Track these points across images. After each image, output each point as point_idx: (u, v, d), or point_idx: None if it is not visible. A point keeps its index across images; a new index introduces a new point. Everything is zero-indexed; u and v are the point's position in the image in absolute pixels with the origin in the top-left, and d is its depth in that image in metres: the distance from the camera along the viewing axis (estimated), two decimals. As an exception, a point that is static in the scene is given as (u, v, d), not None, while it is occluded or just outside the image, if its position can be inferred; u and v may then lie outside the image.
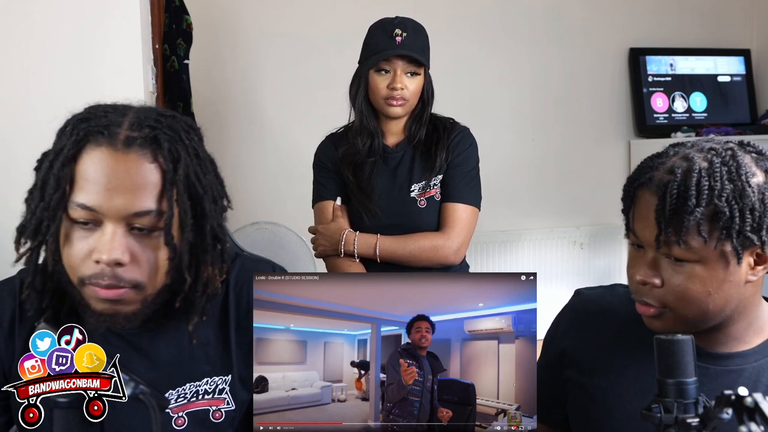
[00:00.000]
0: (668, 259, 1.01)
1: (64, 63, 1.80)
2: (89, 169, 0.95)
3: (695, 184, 0.97)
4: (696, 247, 0.98)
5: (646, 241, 1.02)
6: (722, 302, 1.01)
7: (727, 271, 0.99)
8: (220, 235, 1.05)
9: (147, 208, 0.96)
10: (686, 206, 0.97)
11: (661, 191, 0.99)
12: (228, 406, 1.11)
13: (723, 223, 0.97)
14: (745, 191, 0.97)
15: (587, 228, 3.61)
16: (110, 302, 0.98)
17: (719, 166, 0.98)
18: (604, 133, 3.66)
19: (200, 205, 1.01)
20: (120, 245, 0.95)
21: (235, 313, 1.13)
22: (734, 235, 0.97)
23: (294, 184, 2.48)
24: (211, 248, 1.04)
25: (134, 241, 0.97)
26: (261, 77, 3.24)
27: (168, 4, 2.67)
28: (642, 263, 1.03)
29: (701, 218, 0.97)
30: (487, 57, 3.49)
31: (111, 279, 0.96)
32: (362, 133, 1.94)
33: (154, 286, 1.00)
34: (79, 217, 0.96)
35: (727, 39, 3.78)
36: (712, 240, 0.97)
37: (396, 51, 1.86)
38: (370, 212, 1.92)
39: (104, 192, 0.94)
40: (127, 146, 0.95)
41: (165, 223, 0.97)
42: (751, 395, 0.80)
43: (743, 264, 1.00)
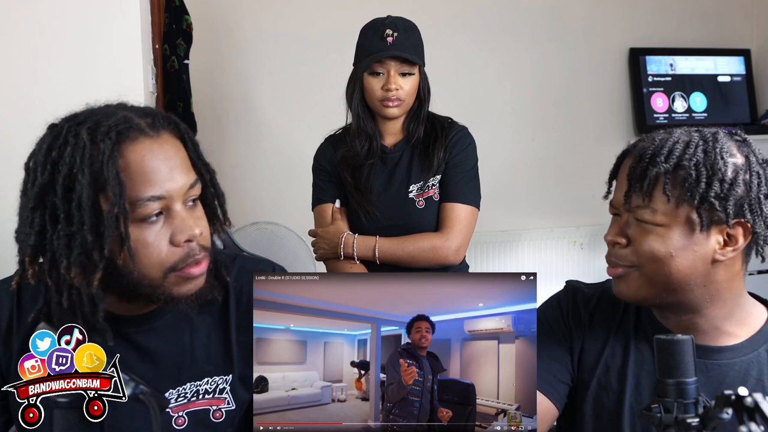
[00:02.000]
0: (636, 221, 1.07)
1: (65, 63, 1.80)
2: (143, 162, 0.96)
3: (669, 146, 1.04)
4: (659, 208, 1.03)
5: (618, 203, 1.09)
6: (684, 269, 1.04)
7: (691, 239, 1.03)
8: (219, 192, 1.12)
9: (193, 179, 1.02)
10: (655, 162, 1.03)
11: (639, 154, 1.06)
12: (228, 406, 1.11)
13: (688, 185, 1.01)
14: (717, 163, 1.02)
15: (587, 228, 3.61)
16: (195, 279, 1.02)
17: (698, 139, 1.05)
18: (604, 133, 3.66)
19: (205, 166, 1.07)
20: (197, 217, 1.02)
21: (236, 313, 1.14)
22: (697, 200, 1.01)
23: (294, 184, 2.48)
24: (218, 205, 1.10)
25: (191, 213, 1.02)
26: (261, 77, 3.24)
27: (168, 4, 2.67)
28: (614, 226, 1.11)
29: (668, 178, 1.02)
30: (487, 57, 3.48)
31: (201, 251, 1.01)
32: (360, 136, 1.93)
33: (211, 252, 1.06)
34: (153, 211, 0.96)
35: (727, 39, 3.78)
36: (674, 200, 1.02)
37: (387, 52, 1.85)
38: (368, 214, 1.92)
39: (167, 176, 0.97)
40: (156, 131, 0.99)
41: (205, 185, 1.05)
42: (751, 395, 0.80)
43: (711, 239, 1.03)
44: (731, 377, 1.07)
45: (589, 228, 3.60)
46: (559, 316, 1.23)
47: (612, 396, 1.14)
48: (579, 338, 1.20)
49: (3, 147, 1.73)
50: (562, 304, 1.25)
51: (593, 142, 3.64)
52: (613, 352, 1.16)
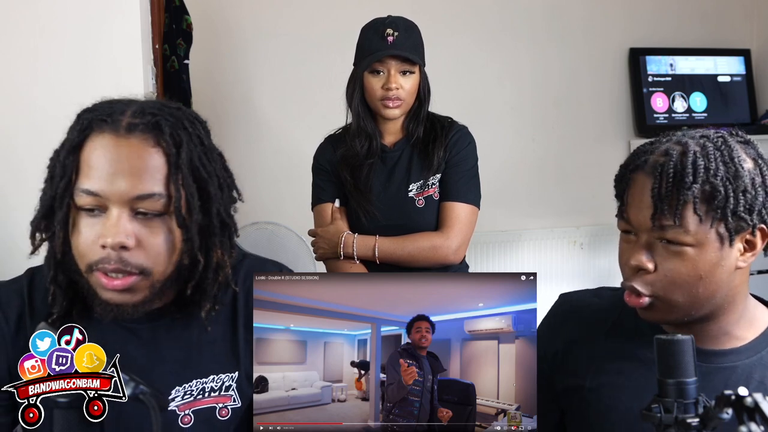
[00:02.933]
0: (661, 242, 1.02)
1: (65, 63, 1.80)
2: (93, 155, 0.98)
3: (691, 163, 1.00)
4: (691, 228, 0.99)
5: (639, 225, 1.03)
6: (713, 287, 1.02)
7: (719, 254, 1.01)
8: (227, 221, 1.07)
9: (150, 192, 0.97)
10: (683, 183, 0.99)
11: (657, 171, 1.01)
12: (234, 404, 1.11)
13: (718, 202, 0.99)
14: (739, 173, 0.99)
15: (587, 228, 3.61)
16: (116, 291, 0.99)
17: (712, 149, 1.01)
18: (604, 133, 3.66)
19: (206, 188, 1.03)
20: (124, 229, 0.97)
21: (244, 311, 1.14)
22: (729, 216, 0.99)
23: (294, 184, 2.48)
24: (219, 232, 1.06)
25: (140, 226, 0.98)
26: (261, 77, 3.23)
27: (168, 4, 2.67)
28: (635, 248, 1.04)
29: (697, 196, 0.99)
30: (487, 57, 3.48)
31: (117, 263, 0.97)
32: (360, 135, 1.93)
33: (162, 273, 1.01)
34: (85, 204, 0.98)
35: (727, 39, 3.77)
36: (707, 220, 0.99)
37: (388, 51, 1.85)
38: (368, 214, 1.92)
39: (108, 177, 0.97)
40: (129, 131, 0.98)
41: (175, 207, 0.99)
42: (751, 395, 0.80)
43: (734, 248, 1.01)
44: (734, 380, 1.06)
45: (589, 228, 3.60)
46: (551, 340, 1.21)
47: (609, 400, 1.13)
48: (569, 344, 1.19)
49: (3, 147, 1.73)
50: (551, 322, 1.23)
51: (593, 142, 3.64)
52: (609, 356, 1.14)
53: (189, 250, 1.02)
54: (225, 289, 1.12)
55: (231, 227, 1.09)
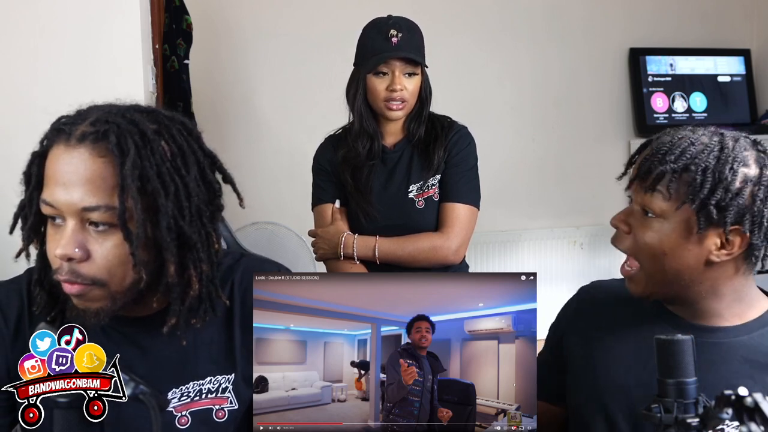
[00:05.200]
0: (639, 211, 1.10)
1: (65, 63, 1.80)
2: (49, 166, 0.98)
3: (684, 146, 1.06)
4: (660, 202, 1.06)
5: (632, 190, 1.12)
6: (677, 267, 1.07)
7: (686, 239, 1.05)
8: (190, 234, 1.01)
9: (95, 204, 0.95)
10: (666, 159, 1.06)
11: (656, 147, 1.08)
12: (231, 405, 1.11)
13: (690, 188, 1.03)
14: (725, 172, 1.03)
15: (587, 228, 3.61)
16: (76, 297, 0.99)
17: (716, 144, 1.06)
18: (604, 133, 3.66)
19: (154, 200, 0.97)
20: (71, 241, 0.95)
21: (240, 313, 1.13)
22: (698, 204, 1.03)
23: (294, 184, 2.48)
24: (171, 246, 0.99)
25: (93, 237, 0.97)
26: (261, 77, 3.23)
27: (168, 4, 2.67)
28: (622, 212, 1.13)
29: (673, 174, 1.04)
30: (487, 57, 3.48)
31: (68, 274, 0.97)
32: (362, 136, 1.92)
33: (119, 284, 0.99)
34: (47, 213, 0.98)
35: (727, 39, 3.77)
36: (676, 199, 1.05)
37: (394, 54, 1.84)
38: (368, 215, 1.91)
39: (60, 188, 0.96)
40: (79, 142, 0.96)
41: (119, 217, 0.95)
42: (751, 395, 0.80)
43: (707, 240, 1.05)
44: (717, 355, 1.09)
45: (589, 228, 3.60)
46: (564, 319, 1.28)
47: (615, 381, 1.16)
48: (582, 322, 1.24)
49: (3, 147, 1.73)
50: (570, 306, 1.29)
51: (593, 142, 3.64)
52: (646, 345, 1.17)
53: (143, 263, 0.98)
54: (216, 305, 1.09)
55: (196, 242, 1.02)
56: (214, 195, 1.05)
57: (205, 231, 1.03)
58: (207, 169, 1.05)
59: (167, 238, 0.99)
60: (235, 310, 1.13)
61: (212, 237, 1.05)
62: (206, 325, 1.10)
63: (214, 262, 1.06)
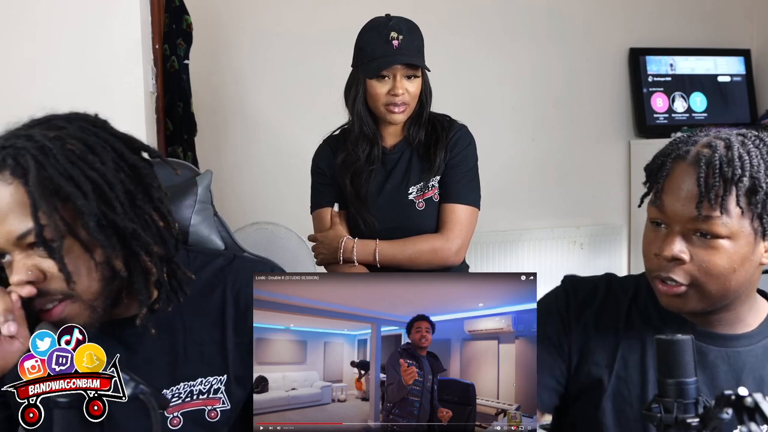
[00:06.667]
0: (695, 234, 1.03)
1: (65, 63, 1.80)
2: None
3: (738, 157, 1.01)
4: (732, 220, 1.00)
5: (674, 214, 1.04)
6: (742, 280, 1.04)
7: (751, 248, 1.03)
8: (124, 224, 0.98)
9: (24, 230, 0.94)
10: (733, 174, 1.00)
11: (703, 162, 1.01)
12: (223, 406, 1.11)
13: (759, 197, 1.00)
14: None
15: (587, 228, 3.61)
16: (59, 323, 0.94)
17: (753, 147, 1.03)
18: (604, 133, 3.66)
19: (75, 205, 0.95)
20: (21, 269, 0.94)
21: (233, 314, 1.13)
22: (766, 212, 1.01)
23: (294, 184, 2.48)
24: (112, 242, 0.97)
25: (41, 258, 0.95)
26: (261, 77, 3.23)
27: (168, 4, 2.67)
28: (669, 238, 1.04)
29: (740, 189, 1.00)
30: (487, 57, 3.48)
31: (40, 297, 0.95)
32: (361, 141, 1.90)
33: (87, 291, 0.98)
34: None
35: (727, 39, 3.78)
36: (747, 213, 1.01)
37: (397, 59, 1.81)
38: (368, 219, 1.90)
39: None
40: None
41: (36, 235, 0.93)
42: (751, 395, 0.80)
43: (760, 246, 1.04)
44: (751, 362, 1.10)
45: (589, 228, 3.60)
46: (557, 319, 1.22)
47: (634, 388, 1.14)
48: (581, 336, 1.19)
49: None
50: (560, 303, 1.24)
51: (593, 142, 3.64)
52: (629, 344, 1.16)
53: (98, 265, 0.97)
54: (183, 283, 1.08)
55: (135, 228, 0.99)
56: (141, 174, 1.02)
57: (143, 212, 1.01)
58: (125, 151, 1.01)
59: (102, 236, 0.96)
60: (227, 311, 1.13)
61: (155, 216, 1.03)
62: (197, 326, 1.11)
63: (168, 240, 1.04)
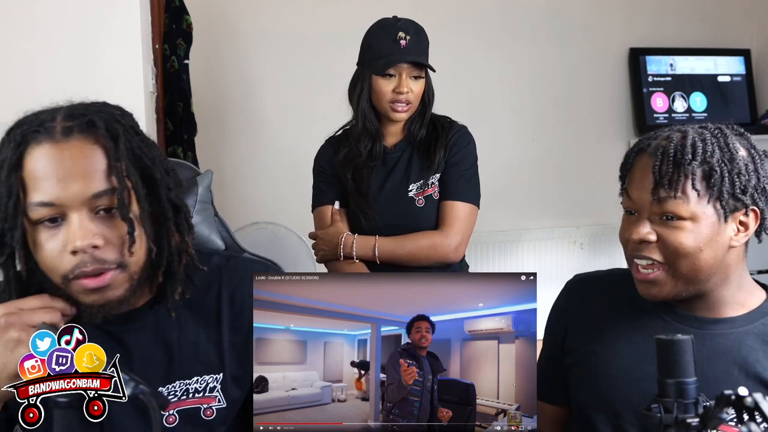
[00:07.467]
0: (661, 218, 1.10)
1: (65, 63, 1.80)
2: (37, 167, 0.97)
3: (690, 145, 1.09)
4: (690, 202, 1.07)
5: (640, 201, 1.11)
6: (711, 260, 1.09)
7: (715, 230, 1.08)
8: (178, 203, 1.06)
9: (102, 189, 0.97)
10: (683, 160, 1.08)
11: (659, 152, 1.10)
12: (219, 404, 1.11)
13: (714, 181, 1.07)
14: (734, 157, 1.08)
15: (587, 228, 3.61)
16: (99, 291, 0.98)
17: (710, 136, 1.10)
18: (604, 133, 3.66)
19: (151, 175, 1.02)
20: (90, 229, 0.96)
21: (229, 314, 1.14)
22: (725, 194, 1.07)
23: (294, 184, 2.48)
24: (172, 215, 1.05)
25: (102, 224, 0.98)
26: (261, 77, 3.24)
27: (168, 4, 2.67)
28: (637, 223, 1.12)
29: (695, 173, 1.07)
30: (487, 57, 3.48)
31: (94, 264, 0.97)
32: (364, 137, 1.93)
33: (136, 264, 1.01)
34: (42, 217, 0.96)
35: (727, 39, 3.78)
36: (704, 196, 1.07)
37: (403, 57, 1.85)
38: (368, 215, 1.92)
39: (58, 184, 0.95)
40: (66, 135, 0.97)
41: (118, 198, 0.97)
42: (751, 395, 0.80)
43: (728, 227, 1.09)
44: (725, 346, 1.12)
45: (589, 228, 3.60)
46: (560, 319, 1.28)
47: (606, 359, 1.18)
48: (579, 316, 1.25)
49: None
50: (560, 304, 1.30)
51: (593, 142, 3.65)
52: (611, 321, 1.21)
53: (151, 237, 1.02)
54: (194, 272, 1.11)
55: (183, 209, 1.07)
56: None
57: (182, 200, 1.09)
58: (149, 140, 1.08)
59: (168, 207, 1.04)
60: (223, 311, 1.14)
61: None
62: (192, 325, 1.11)
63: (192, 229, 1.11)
